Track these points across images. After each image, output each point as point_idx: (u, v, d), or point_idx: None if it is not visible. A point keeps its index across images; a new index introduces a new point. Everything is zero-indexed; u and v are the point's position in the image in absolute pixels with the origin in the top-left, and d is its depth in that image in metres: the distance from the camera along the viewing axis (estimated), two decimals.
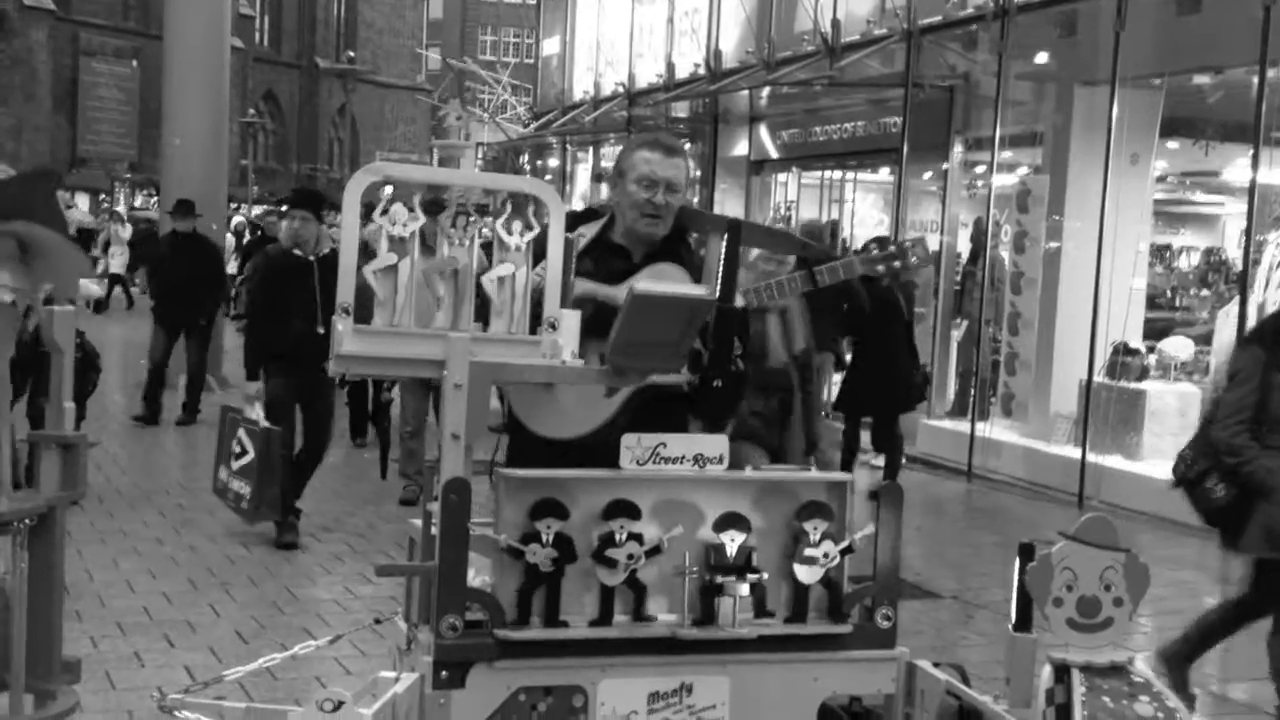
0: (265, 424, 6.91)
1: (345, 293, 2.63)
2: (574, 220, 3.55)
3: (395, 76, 59.67)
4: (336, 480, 9.32)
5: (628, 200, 3.43)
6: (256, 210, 33.34)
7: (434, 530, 2.63)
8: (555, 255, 2.77)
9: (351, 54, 54.73)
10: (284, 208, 9.81)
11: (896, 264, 3.48)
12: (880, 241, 6.77)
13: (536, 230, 2.75)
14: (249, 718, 2.57)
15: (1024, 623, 2.57)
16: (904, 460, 10.00)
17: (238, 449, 7.06)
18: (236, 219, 27.13)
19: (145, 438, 10.77)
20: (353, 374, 2.64)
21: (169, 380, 11.55)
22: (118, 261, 24.38)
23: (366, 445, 10.05)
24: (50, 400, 2.88)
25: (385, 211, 2.65)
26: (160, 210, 11.85)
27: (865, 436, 11.58)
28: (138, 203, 40.60)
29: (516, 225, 2.73)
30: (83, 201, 38.43)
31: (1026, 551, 2.50)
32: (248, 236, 22.83)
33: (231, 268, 17.28)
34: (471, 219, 2.73)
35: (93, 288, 7.58)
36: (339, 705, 2.13)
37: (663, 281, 3.31)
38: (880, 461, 11.08)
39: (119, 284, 24.67)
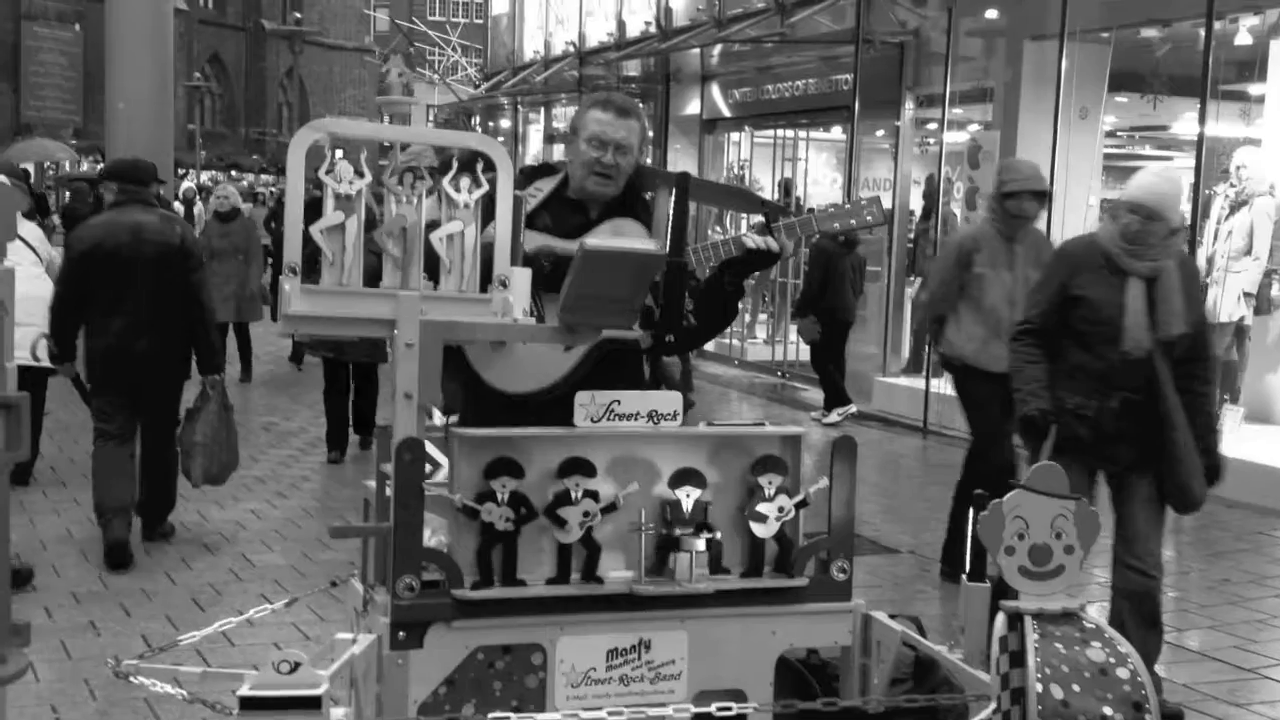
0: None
1: (292, 252, 2.59)
2: (530, 175, 3.54)
3: (343, 38, 58.94)
4: (293, 446, 9.27)
5: (579, 159, 3.42)
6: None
7: (389, 491, 2.61)
8: (504, 213, 2.75)
9: (298, 15, 54.03)
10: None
11: (852, 222, 3.48)
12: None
13: (485, 188, 2.72)
14: (205, 681, 2.55)
15: (978, 572, 2.59)
16: None
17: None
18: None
19: None
20: (301, 335, 2.60)
21: None
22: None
23: (342, 461, 8.78)
24: None
25: (330, 170, 2.62)
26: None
27: (820, 394, 11.69)
28: (84, 168, 40.02)
29: (464, 182, 2.70)
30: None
31: (979, 501, 2.51)
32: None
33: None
34: (420, 178, 2.70)
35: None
36: (295, 667, 2.11)
37: (620, 237, 3.31)
38: (831, 419, 11.17)
39: None
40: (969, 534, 2.57)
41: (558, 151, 20.28)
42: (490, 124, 25.67)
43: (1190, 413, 4.54)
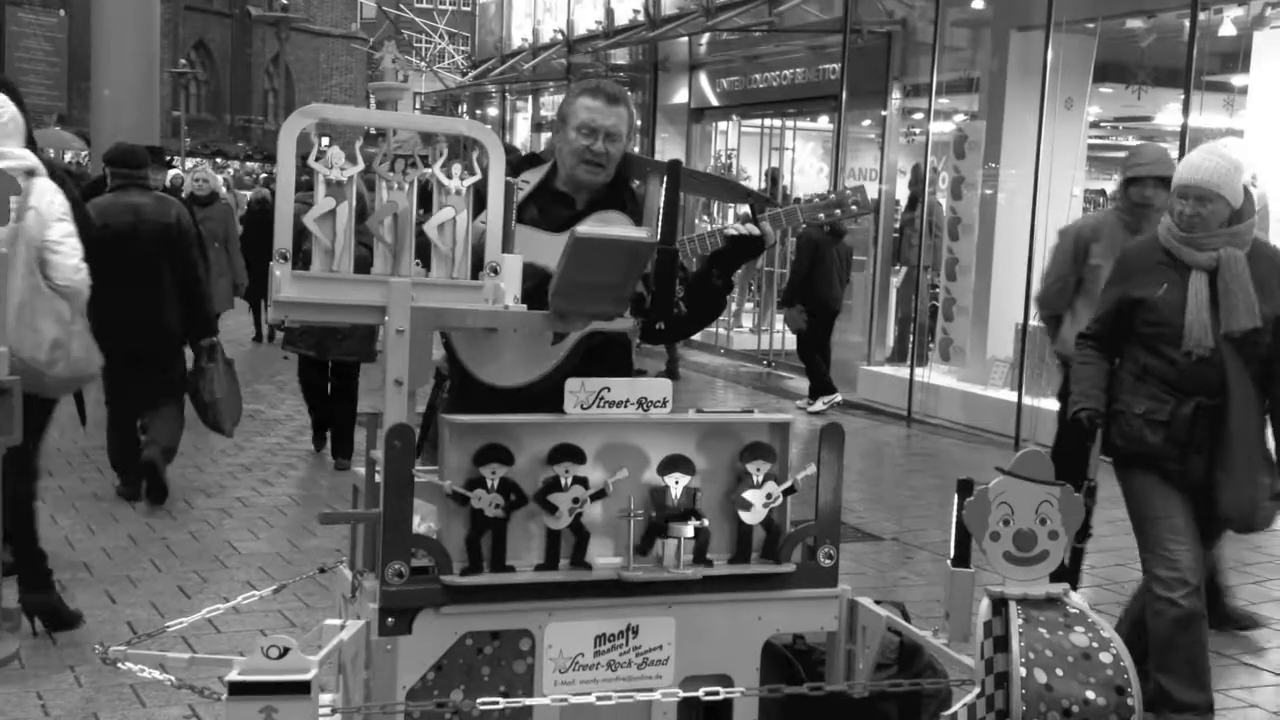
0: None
1: (282, 238, 2.60)
2: (517, 166, 3.54)
3: (329, 25, 58.63)
4: (279, 433, 9.26)
5: (568, 147, 3.42)
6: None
7: (378, 478, 2.62)
8: (496, 199, 2.75)
9: (285, 2, 53.71)
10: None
11: (837, 212, 3.49)
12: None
13: (477, 176, 2.73)
14: (192, 668, 2.56)
15: (962, 558, 2.62)
16: None
17: None
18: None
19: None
20: (292, 320, 2.61)
21: None
22: None
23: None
24: None
25: (320, 156, 2.62)
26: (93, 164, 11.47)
27: (805, 384, 11.72)
28: (68, 156, 39.81)
29: (456, 169, 2.71)
30: None
31: (965, 488, 2.53)
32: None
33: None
34: (412, 165, 2.71)
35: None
36: (285, 651, 2.12)
37: (606, 225, 3.31)
38: (817, 407, 11.20)
39: None
40: (956, 520, 2.59)
41: (544, 139, 20.26)
42: (477, 112, 25.61)
43: (1274, 418, 4.18)
